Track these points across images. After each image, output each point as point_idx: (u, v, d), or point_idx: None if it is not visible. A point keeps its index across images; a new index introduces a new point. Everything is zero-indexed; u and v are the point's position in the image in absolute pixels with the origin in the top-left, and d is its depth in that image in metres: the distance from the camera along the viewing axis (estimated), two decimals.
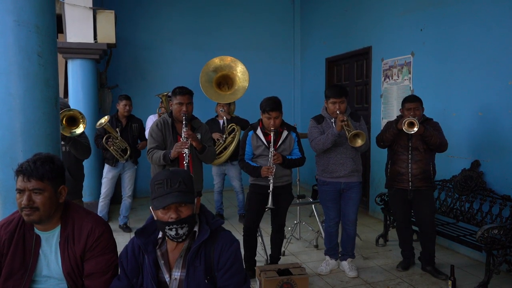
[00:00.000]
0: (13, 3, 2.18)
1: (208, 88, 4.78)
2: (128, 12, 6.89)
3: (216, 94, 4.90)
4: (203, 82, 4.75)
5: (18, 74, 2.21)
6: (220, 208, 5.63)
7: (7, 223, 1.89)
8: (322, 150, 3.62)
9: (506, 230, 3.35)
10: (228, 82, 5.03)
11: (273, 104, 3.42)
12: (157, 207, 1.69)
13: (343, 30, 6.46)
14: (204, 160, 3.52)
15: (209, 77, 4.89)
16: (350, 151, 3.63)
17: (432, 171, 3.71)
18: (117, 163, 4.99)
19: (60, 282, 1.89)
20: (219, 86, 5.00)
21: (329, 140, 3.53)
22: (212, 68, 4.89)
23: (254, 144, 3.56)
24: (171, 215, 1.68)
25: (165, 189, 1.68)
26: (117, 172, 5.06)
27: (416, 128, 3.43)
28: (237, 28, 7.58)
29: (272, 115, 3.41)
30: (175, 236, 1.71)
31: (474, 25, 4.14)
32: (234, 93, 4.97)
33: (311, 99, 7.55)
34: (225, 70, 4.96)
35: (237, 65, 4.94)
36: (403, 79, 5.12)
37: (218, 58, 5.11)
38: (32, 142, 2.25)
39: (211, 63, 4.90)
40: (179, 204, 1.69)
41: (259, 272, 3.26)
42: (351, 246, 3.85)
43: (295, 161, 3.57)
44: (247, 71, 4.90)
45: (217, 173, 5.46)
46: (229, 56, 4.98)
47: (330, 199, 3.72)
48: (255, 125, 3.63)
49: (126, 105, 5.02)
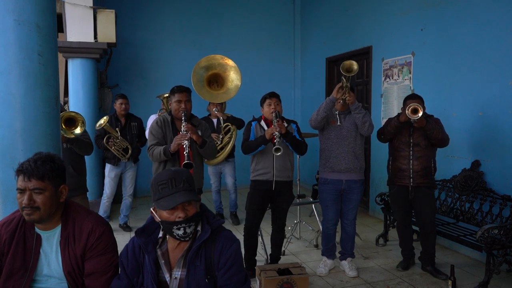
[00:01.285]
0: (14, 3, 2.18)
1: (200, 88, 4.73)
2: (129, 12, 6.89)
3: (208, 93, 4.86)
4: (195, 82, 4.70)
5: (19, 73, 2.21)
6: (220, 208, 5.64)
7: (7, 222, 1.89)
8: (316, 120, 3.57)
9: (506, 230, 3.35)
10: (217, 81, 4.98)
11: (271, 92, 3.60)
12: (165, 207, 1.67)
13: (343, 30, 6.46)
14: (205, 156, 3.52)
15: (200, 76, 4.85)
16: (353, 145, 3.62)
17: (433, 168, 3.71)
18: (119, 162, 4.99)
19: (61, 281, 1.89)
20: (209, 84, 4.96)
21: (323, 106, 3.51)
22: (202, 66, 4.83)
23: (257, 132, 3.58)
24: (179, 215, 1.68)
25: (171, 189, 1.68)
26: (120, 171, 5.07)
27: (420, 113, 3.40)
28: (237, 28, 7.58)
29: (272, 100, 3.53)
30: (183, 235, 1.71)
31: (475, 25, 4.14)
32: (226, 92, 4.93)
33: (312, 99, 7.55)
34: (216, 69, 4.92)
35: (229, 64, 4.90)
36: (404, 79, 5.12)
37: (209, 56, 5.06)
38: (32, 141, 2.25)
39: (201, 61, 4.86)
40: (186, 203, 1.69)
41: (259, 272, 3.26)
42: (351, 245, 3.85)
43: (298, 140, 3.55)
44: (239, 70, 4.86)
45: (213, 173, 5.48)
46: (221, 55, 4.95)
47: (330, 199, 3.71)
48: (258, 118, 3.68)
49: (122, 103, 5.01)
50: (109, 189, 5.10)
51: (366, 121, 3.53)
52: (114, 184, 5.10)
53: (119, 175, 5.11)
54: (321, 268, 3.83)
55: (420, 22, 4.85)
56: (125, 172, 5.11)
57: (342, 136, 3.62)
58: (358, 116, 3.54)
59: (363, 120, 3.53)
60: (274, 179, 3.52)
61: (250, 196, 3.65)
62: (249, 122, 3.73)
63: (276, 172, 3.51)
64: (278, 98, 3.57)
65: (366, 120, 3.54)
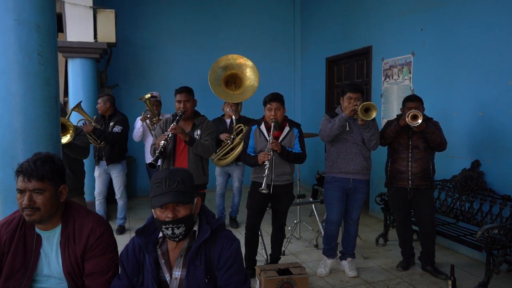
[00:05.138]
0: (14, 2, 2.18)
1: (216, 87, 4.69)
2: (129, 12, 6.88)
3: (225, 93, 4.80)
4: (211, 80, 4.65)
5: (19, 73, 2.21)
6: (222, 214, 5.40)
7: (7, 222, 1.89)
8: (329, 136, 3.58)
9: (506, 230, 3.35)
10: (236, 81, 4.94)
11: (273, 96, 3.54)
12: (152, 205, 1.70)
13: (343, 30, 6.46)
14: (198, 154, 3.58)
15: (217, 75, 4.80)
16: (361, 148, 3.61)
17: (432, 170, 3.71)
18: (100, 162, 4.91)
19: (61, 281, 1.89)
20: (226, 84, 4.91)
21: (336, 125, 3.52)
22: (221, 65, 4.79)
23: (256, 138, 3.58)
24: (168, 215, 1.69)
25: (163, 188, 1.69)
26: (103, 170, 4.95)
27: (420, 120, 3.41)
28: (237, 27, 7.58)
29: (273, 105, 3.50)
30: (172, 235, 1.71)
31: (475, 25, 4.14)
32: (243, 93, 4.89)
33: (312, 99, 7.55)
34: (235, 69, 4.88)
35: (248, 66, 4.87)
36: (404, 78, 5.12)
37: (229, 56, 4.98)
38: (32, 141, 2.25)
39: (220, 60, 4.81)
40: (177, 203, 1.69)
41: (259, 272, 3.26)
42: (352, 245, 3.85)
43: (294, 154, 3.54)
44: (257, 72, 4.81)
45: (221, 174, 5.29)
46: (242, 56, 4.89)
47: (336, 197, 3.66)
48: (259, 121, 3.67)
49: (98, 103, 4.90)
50: (96, 188, 5.04)
51: (373, 139, 3.55)
52: (99, 183, 5.00)
53: (104, 174, 4.98)
54: (321, 268, 3.83)
55: (420, 22, 4.85)
56: (111, 174, 5.01)
57: (352, 139, 3.61)
58: (366, 134, 3.56)
59: (370, 138, 3.55)
60: (273, 183, 3.51)
61: (250, 195, 3.66)
62: (249, 126, 3.71)
63: (275, 177, 3.51)
64: (279, 102, 3.52)
65: (373, 139, 3.55)
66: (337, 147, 3.65)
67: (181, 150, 3.60)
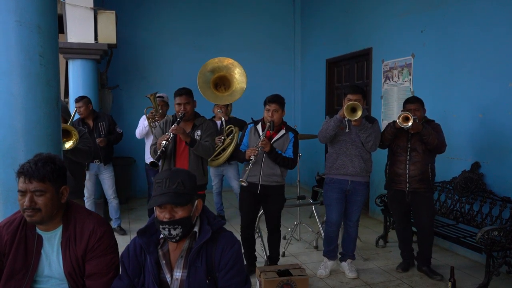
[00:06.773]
0: (15, 4, 2.18)
1: (205, 89, 4.75)
2: (129, 13, 6.89)
3: (213, 95, 4.87)
4: (200, 83, 4.72)
5: (20, 74, 2.21)
6: (221, 210, 5.62)
7: (9, 223, 1.89)
8: (325, 137, 3.61)
9: (506, 231, 3.35)
10: (224, 83, 4.99)
11: (273, 97, 3.56)
12: (150, 204, 1.72)
13: (343, 31, 6.46)
14: (198, 154, 3.62)
15: (206, 78, 4.86)
16: (360, 149, 3.62)
17: (431, 173, 3.69)
18: (90, 165, 4.84)
19: (61, 282, 1.89)
20: (215, 87, 4.97)
21: (331, 126, 3.53)
22: (209, 68, 4.85)
23: (251, 136, 3.62)
24: (166, 215, 1.70)
25: (162, 188, 1.70)
26: (93, 173, 4.93)
27: (411, 122, 3.42)
28: (237, 29, 7.59)
29: (271, 107, 3.52)
30: (168, 236, 1.73)
31: (475, 27, 4.15)
32: (231, 95, 4.94)
33: (312, 101, 7.55)
34: (223, 71, 4.94)
35: (235, 67, 4.92)
36: (404, 80, 5.13)
37: (216, 59, 5.07)
38: (33, 142, 2.25)
39: (208, 64, 4.88)
40: (175, 205, 1.70)
41: (259, 273, 3.27)
42: (352, 247, 3.85)
43: (284, 157, 3.53)
44: (245, 73, 4.87)
45: (215, 174, 5.46)
46: (228, 58, 4.95)
47: (335, 198, 3.68)
48: (257, 120, 3.70)
49: (80, 107, 4.77)
50: (85, 191, 4.85)
51: (369, 140, 3.54)
52: (89, 185, 4.91)
53: (93, 176, 4.95)
54: (321, 269, 3.83)
55: (420, 23, 4.86)
56: (100, 176, 4.99)
57: (351, 141, 3.61)
58: (362, 135, 3.56)
59: (367, 139, 3.55)
60: (260, 183, 3.54)
61: (241, 196, 3.73)
62: (246, 125, 3.76)
63: (263, 177, 3.53)
64: (278, 104, 3.53)
65: (370, 140, 3.54)
66: (336, 148, 3.66)
67: (181, 150, 3.63)
